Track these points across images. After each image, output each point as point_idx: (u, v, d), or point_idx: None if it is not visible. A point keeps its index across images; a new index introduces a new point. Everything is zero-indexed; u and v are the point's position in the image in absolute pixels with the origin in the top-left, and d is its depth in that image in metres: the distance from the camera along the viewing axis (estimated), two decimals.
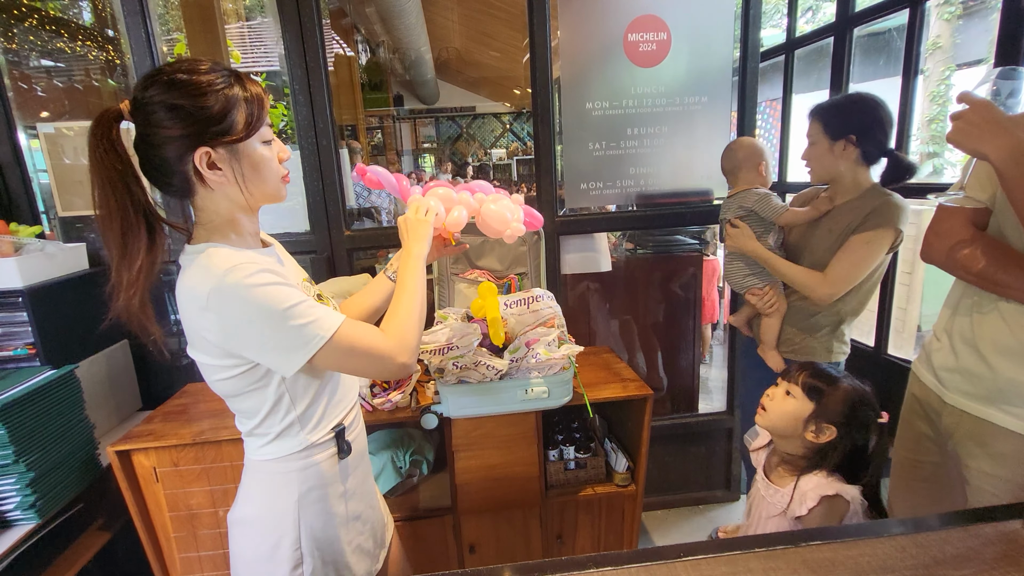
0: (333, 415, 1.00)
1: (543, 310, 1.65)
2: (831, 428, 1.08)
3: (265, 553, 0.97)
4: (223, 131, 0.82)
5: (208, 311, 0.81)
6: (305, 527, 0.97)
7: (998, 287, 1.02)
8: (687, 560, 0.75)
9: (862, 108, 1.48)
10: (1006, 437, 1.03)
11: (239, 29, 4.28)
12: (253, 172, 0.87)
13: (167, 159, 0.82)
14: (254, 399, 0.91)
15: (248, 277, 0.80)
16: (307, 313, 0.83)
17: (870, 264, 1.50)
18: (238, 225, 0.90)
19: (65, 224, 2.07)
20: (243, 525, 1.00)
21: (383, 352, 0.89)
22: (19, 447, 1.37)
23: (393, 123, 8.37)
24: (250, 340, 0.83)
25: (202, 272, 0.82)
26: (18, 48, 2.38)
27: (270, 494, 0.97)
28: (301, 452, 0.96)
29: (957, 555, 0.74)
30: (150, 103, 0.79)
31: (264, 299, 0.81)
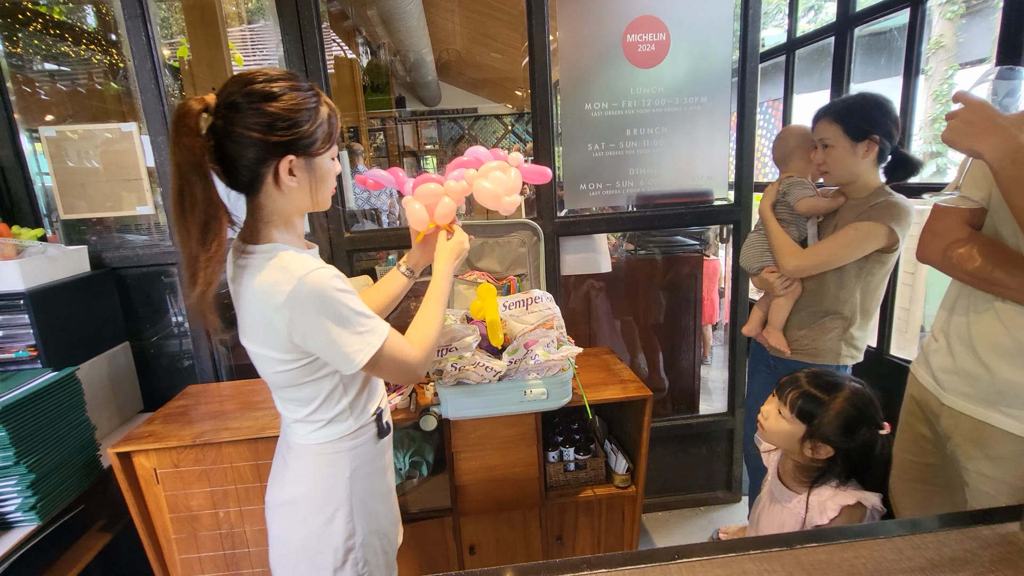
0: (374, 400, 1.10)
1: (542, 311, 1.65)
2: (826, 447, 1.05)
3: (318, 528, 1.04)
4: (308, 144, 0.90)
5: (284, 309, 0.87)
6: (356, 500, 1.06)
7: (994, 286, 1.01)
8: (682, 562, 0.75)
9: (879, 107, 1.46)
10: (1004, 439, 1.02)
11: (241, 32, 4.29)
12: (320, 183, 0.95)
13: (249, 159, 0.88)
14: (310, 389, 0.99)
15: (327, 281, 0.88)
16: (367, 322, 0.93)
17: (849, 252, 1.49)
18: (293, 226, 0.98)
19: (67, 227, 2.08)
20: (291, 505, 1.06)
21: (411, 362, 1.00)
22: (20, 449, 1.38)
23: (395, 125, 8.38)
24: (320, 339, 0.90)
25: (280, 272, 0.88)
26: (22, 52, 2.39)
27: (322, 472, 1.04)
28: (352, 434, 1.05)
29: (954, 557, 0.73)
30: (247, 107, 0.85)
31: (337, 304, 0.88)
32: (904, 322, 3.85)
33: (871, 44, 3.15)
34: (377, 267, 2.66)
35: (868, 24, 2.59)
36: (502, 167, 1.20)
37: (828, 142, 1.51)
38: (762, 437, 1.18)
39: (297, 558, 1.06)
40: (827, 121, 1.51)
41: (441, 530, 1.73)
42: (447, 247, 1.15)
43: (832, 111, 1.51)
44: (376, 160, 7.04)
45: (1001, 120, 0.90)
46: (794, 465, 1.14)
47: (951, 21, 4.80)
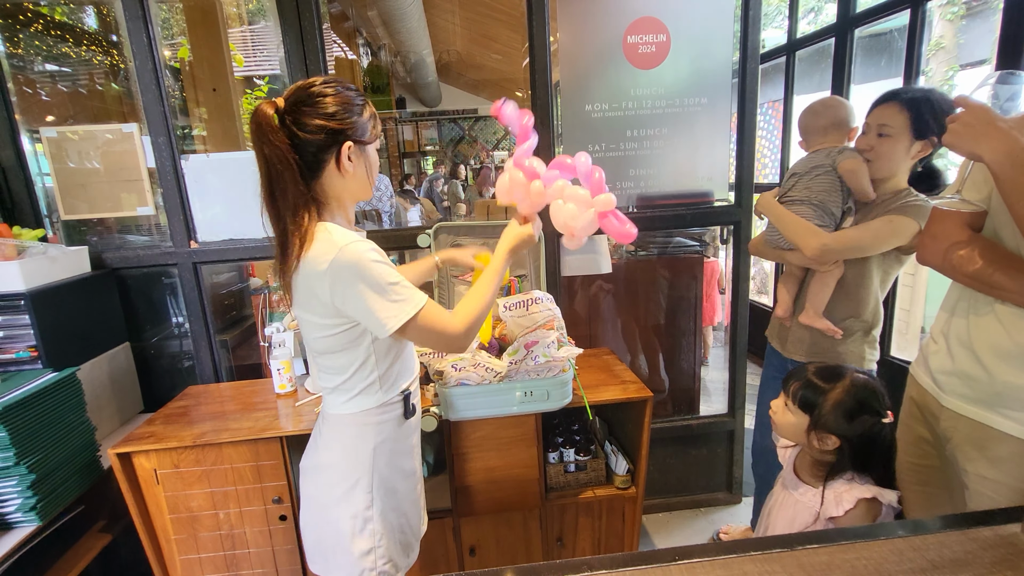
0: (403, 380, 1.17)
1: (543, 312, 1.65)
2: (832, 437, 1.07)
3: (342, 493, 1.13)
4: (361, 133, 1.05)
5: (327, 276, 0.98)
6: (378, 473, 1.13)
7: (994, 289, 1.01)
8: (682, 563, 0.75)
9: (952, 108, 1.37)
10: (1004, 441, 1.02)
11: (241, 33, 4.29)
12: (369, 169, 1.10)
13: (317, 145, 1.01)
14: (346, 357, 1.08)
15: (363, 252, 0.99)
16: (402, 292, 1.02)
17: (879, 242, 1.42)
18: (345, 210, 1.11)
19: (68, 227, 2.08)
20: (322, 470, 1.16)
21: (450, 332, 1.07)
22: (20, 449, 1.38)
23: (396, 125, 8.39)
24: (357, 303, 1.00)
25: (323, 243, 0.99)
26: (23, 53, 2.40)
27: (350, 443, 1.13)
28: (377, 408, 1.12)
29: (955, 559, 0.73)
30: (311, 102, 1.00)
31: (374, 272, 0.99)
32: (905, 323, 3.84)
33: (871, 45, 3.15)
34: None
35: (868, 25, 2.60)
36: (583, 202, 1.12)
37: (888, 131, 1.39)
38: (775, 432, 1.19)
39: (321, 519, 1.15)
40: (896, 107, 1.37)
41: (441, 531, 1.73)
42: (516, 232, 1.19)
43: (904, 98, 1.37)
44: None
45: (1002, 123, 0.90)
46: (811, 461, 1.16)
47: (951, 22, 4.80)
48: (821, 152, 1.56)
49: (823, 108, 1.59)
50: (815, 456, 1.14)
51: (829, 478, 1.10)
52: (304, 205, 1.01)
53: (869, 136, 1.44)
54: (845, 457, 1.08)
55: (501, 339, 1.70)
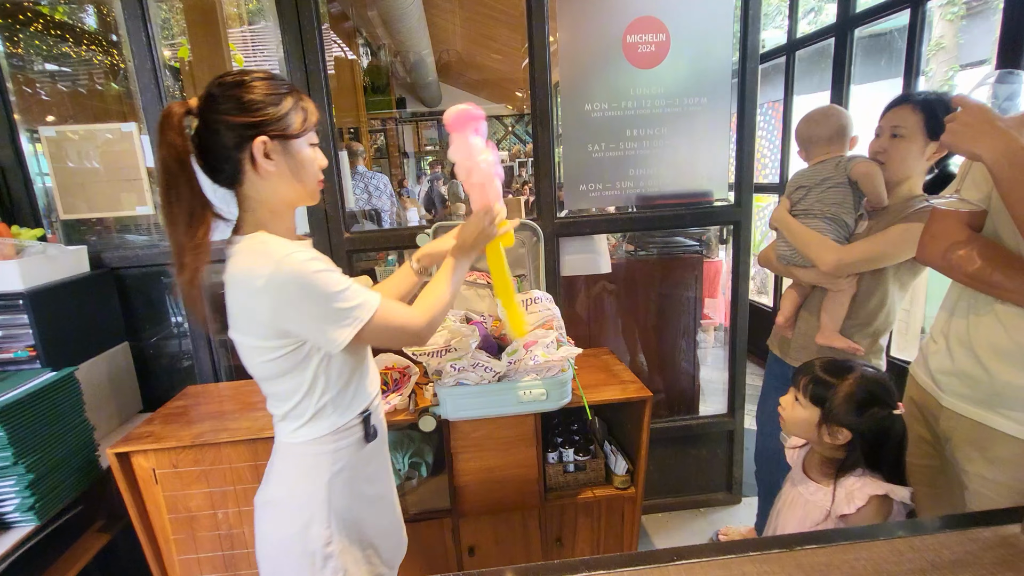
0: (361, 400, 1.07)
1: (542, 312, 1.65)
2: (843, 431, 1.06)
3: (296, 532, 1.03)
4: (281, 127, 0.93)
5: (264, 293, 0.89)
6: (334, 507, 1.04)
7: (993, 288, 1.01)
8: (680, 564, 0.75)
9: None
10: (1004, 441, 1.02)
11: (241, 33, 4.29)
12: (299, 168, 0.97)
13: (226, 146, 0.91)
14: (292, 381, 0.98)
15: (304, 263, 0.89)
16: (353, 296, 0.94)
17: (897, 251, 1.39)
18: (281, 218, 0.99)
19: (67, 227, 2.08)
20: (273, 506, 1.06)
21: (411, 326, 1.02)
22: (19, 449, 1.37)
23: (396, 126, 8.38)
24: (303, 319, 0.91)
25: (258, 256, 0.90)
26: (23, 52, 2.39)
27: (302, 475, 1.04)
28: (332, 434, 1.03)
29: (954, 559, 0.73)
30: (220, 96, 0.90)
31: (318, 282, 0.90)
32: (905, 324, 3.84)
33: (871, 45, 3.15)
34: (377, 268, 2.66)
35: (868, 25, 2.60)
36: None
37: (901, 132, 1.38)
38: (784, 429, 1.18)
39: (278, 558, 1.06)
40: (909, 109, 1.37)
41: (440, 531, 1.73)
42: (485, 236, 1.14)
43: (918, 100, 1.37)
44: (377, 161, 7.05)
45: (1000, 123, 0.90)
46: (820, 458, 1.15)
47: (951, 22, 4.80)
48: (828, 162, 1.54)
49: (824, 117, 1.57)
50: (825, 453, 1.13)
51: (840, 475, 1.09)
52: (201, 214, 0.92)
53: (882, 138, 1.42)
54: (856, 452, 1.07)
55: (500, 339, 1.70)
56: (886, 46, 3.18)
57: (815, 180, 1.55)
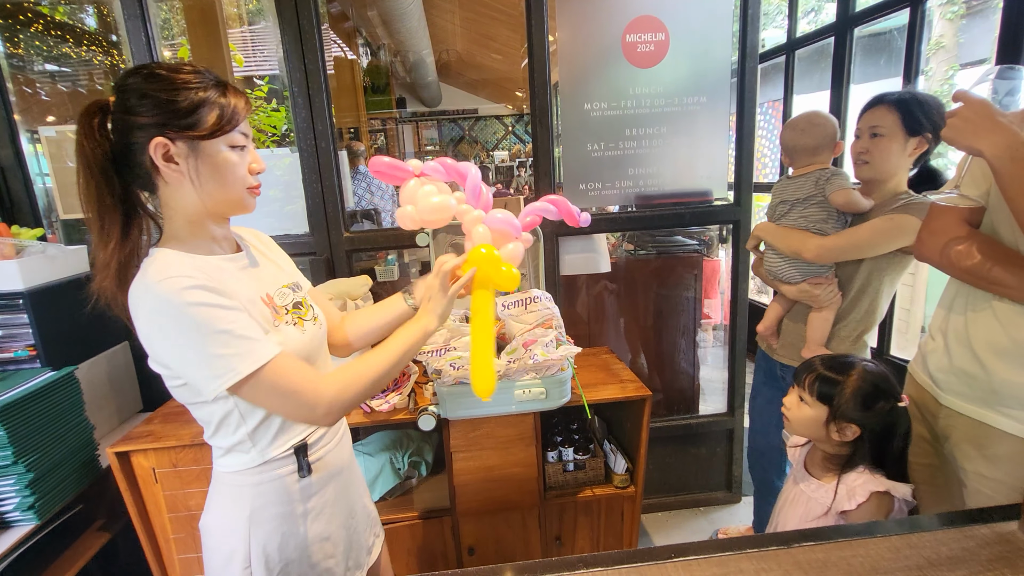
0: (294, 432, 0.95)
1: (541, 311, 1.65)
2: (852, 426, 1.06)
3: (220, 564, 0.96)
4: (186, 125, 0.81)
5: (139, 319, 0.81)
6: (256, 544, 0.94)
7: (992, 284, 1.01)
8: (678, 561, 0.75)
9: (939, 106, 1.38)
10: (1002, 439, 1.02)
11: (241, 33, 4.30)
12: (212, 173, 0.85)
13: (131, 146, 0.82)
14: (203, 411, 0.89)
15: (179, 293, 0.78)
16: (235, 343, 0.80)
17: (879, 242, 1.41)
18: (201, 228, 0.89)
19: (67, 227, 2.09)
20: (204, 532, 0.99)
21: (311, 398, 0.85)
22: (19, 448, 1.38)
23: (396, 126, 8.39)
24: (172, 356, 0.82)
25: (140, 277, 0.82)
26: (23, 53, 2.40)
27: (224, 506, 0.95)
28: (255, 468, 0.93)
29: (952, 556, 0.73)
30: (126, 89, 0.81)
31: (189, 319, 0.78)
32: (904, 323, 3.84)
33: (871, 45, 3.15)
34: (376, 267, 2.65)
35: (868, 24, 2.59)
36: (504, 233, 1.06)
37: (881, 131, 1.40)
38: (789, 429, 1.18)
39: None
40: (886, 108, 1.40)
41: (440, 530, 1.73)
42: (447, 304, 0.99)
43: (894, 99, 1.40)
44: None
45: (1001, 118, 0.90)
46: (823, 456, 1.15)
47: (951, 21, 4.79)
48: (809, 178, 1.55)
49: (808, 126, 1.56)
50: (829, 450, 1.13)
51: (844, 471, 1.09)
52: (109, 218, 0.82)
53: (863, 140, 1.44)
54: (864, 447, 1.06)
55: (500, 338, 1.70)
56: (886, 45, 3.18)
57: (798, 196, 1.57)
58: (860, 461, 1.08)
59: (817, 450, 1.17)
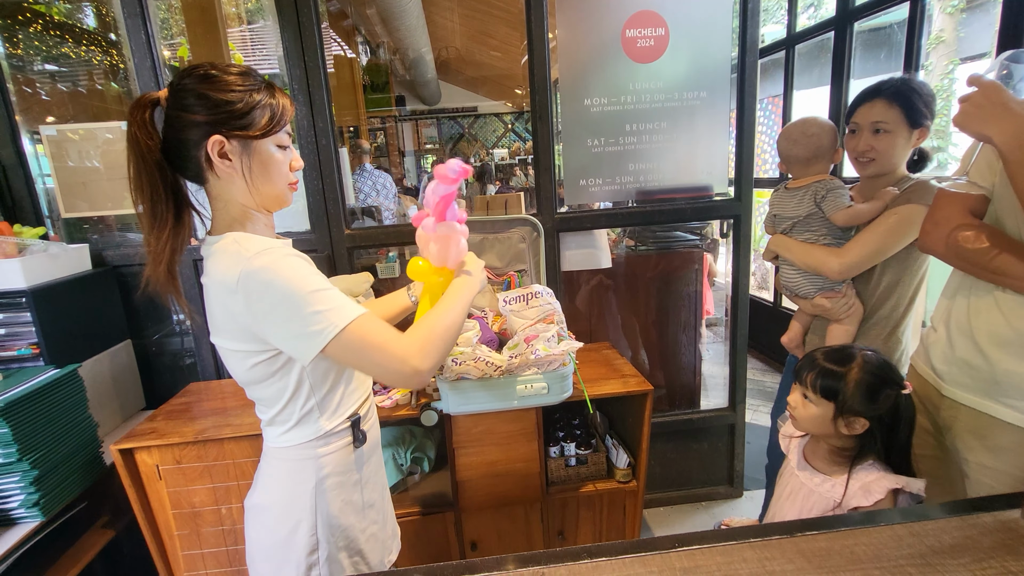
0: (349, 404, 1.03)
1: (542, 306, 1.65)
2: (860, 420, 1.04)
3: (282, 538, 1.01)
4: (241, 125, 0.87)
5: (237, 293, 0.84)
6: (321, 513, 1.01)
7: (995, 275, 1.01)
8: (682, 550, 0.75)
9: (932, 93, 1.35)
10: (1004, 430, 1.02)
11: (240, 32, 4.30)
12: (261, 170, 0.91)
13: (185, 142, 0.87)
14: (276, 386, 0.94)
15: (277, 260, 0.84)
16: (328, 300, 0.85)
17: (896, 239, 1.36)
18: (252, 219, 0.94)
19: (69, 225, 2.09)
20: (260, 511, 1.03)
21: (397, 353, 0.87)
22: (23, 445, 1.38)
23: (396, 124, 8.38)
24: (274, 323, 0.85)
25: (231, 256, 0.86)
26: (23, 53, 2.40)
27: (289, 480, 1.00)
28: (319, 439, 0.99)
29: (954, 544, 0.73)
30: (183, 89, 0.86)
31: (290, 281, 0.83)
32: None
33: (870, 39, 3.15)
34: (378, 264, 2.65)
35: (868, 19, 2.59)
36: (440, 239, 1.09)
37: (885, 127, 1.35)
38: (796, 428, 1.16)
39: (264, 564, 1.04)
40: (885, 103, 1.34)
41: (443, 525, 1.74)
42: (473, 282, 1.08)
43: (891, 91, 1.34)
44: (377, 160, 7.05)
45: (1013, 104, 0.89)
46: (828, 449, 1.13)
47: (951, 16, 4.79)
48: (807, 194, 1.48)
49: (802, 136, 1.49)
50: (836, 444, 1.11)
51: (854, 464, 1.07)
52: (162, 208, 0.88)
53: (864, 136, 1.38)
54: (874, 440, 1.05)
55: (501, 333, 1.71)
56: (886, 40, 3.18)
57: (799, 213, 1.51)
58: (869, 454, 1.06)
59: (820, 443, 1.15)
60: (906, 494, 1.01)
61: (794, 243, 1.53)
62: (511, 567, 0.75)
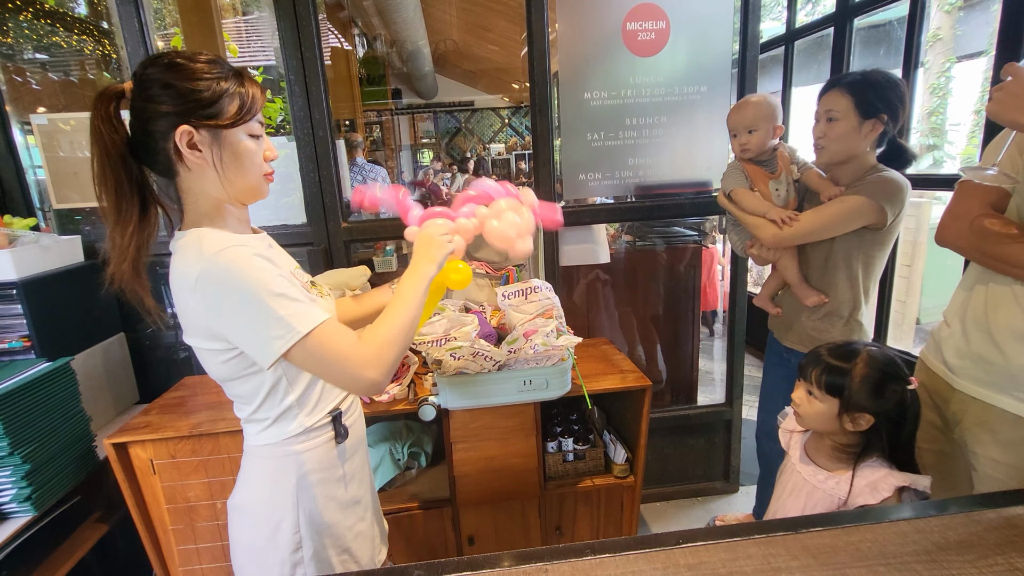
0: (330, 399, 1.01)
1: (541, 301, 1.64)
2: (865, 416, 1.03)
3: (264, 537, 0.99)
4: (209, 115, 0.84)
5: (196, 292, 0.81)
6: (304, 510, 0.99)
7: (1016, 268, 1.00)
8: (686, 547, 0.74)
9: (894, 86, 1.40)
10: (1016, 424, 1.02)
11: (236, 24, 4.25)
12: (233, 160, 0.88)
13: (153, 134, 0.84)
14: (252, 383, 0.92)
15: (238, 260, 0.81)
16: (289, 305, 0.82)
17: (833, 226, 1.44)
18: (224, 213, 0.91)
19: (60, 216, 2.06)
20: (242, 511, 1.01)
21: (354, 361, 0.84)
22: (14, 439, 1.36)
23: (392, 117, 8.33)
24: (233, 324, 0.83)
25: (192, 253, 0.82)
26: (12, 41, 2.36)
27: (269, 478, 0.98)
28: (299, 436, 0.97)
29: (960, 541, 0.73)
30: (147, 79, 0.82)
31: (251, 283, 0.80)
32: (900, 314, 3.86)
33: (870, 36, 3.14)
34: (375, 257, 2.64)
35: (867, 15, 2.58)
36: (515, 207, 1.08)
37: (835, 115, 1.42)
38: (803, 425, 1.16)
39: (248, 564, 1.02)
40: (839, 92, 1.41)
41: (440, 521, 1.73)
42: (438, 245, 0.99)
43: (846, 82, 1.41)
44: (372, 154, 7.00)
45: None
46: (832, 445, 1.12)
47: (949, 14, 4.79)
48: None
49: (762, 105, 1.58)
50: (840, 441, 1.10)
51: (861, 459, 1.06)
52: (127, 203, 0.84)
53: (820, 124, 1.46)
54: (880, 436, 1.04)
55: (500, 328, 1.69)
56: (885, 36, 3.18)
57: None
58: (875, 450, 1.05)
59: (824, 439, 1.14)
60: (911, 491, 1.01)
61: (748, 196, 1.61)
62: (513, 564, 0.74)
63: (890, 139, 1.47)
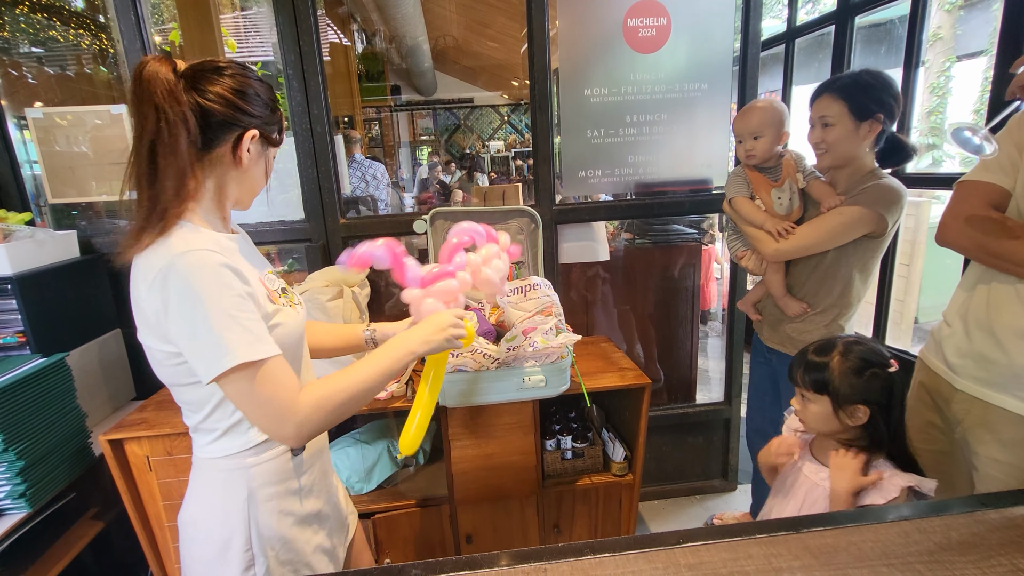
0: None
1: (540, 299, 1.63)
2: (861, 408, 1.03)
3: (214, 554, 0.93)
4: (271, 130, 0.93)
5: (153, 288, 0.79)
6: (256, 527, 0.94)
7: (1018, 267, 0.99)
8: (686, 546, 0.74)
9: (886, 86, 1.39)
10: (1017, 423, 1.02)
11: (234, 19, 4.23)
12: (260, 172, 0.95)
13: (218, 118, 0.85)
14: (202, 391, 0.87)
15: (202, 266, 0.79)
16: (235, 329, 0.79)
17: (833, 238, 1.44)
18: (222, 209, 0.93)
19: (56, 212, 2.04)
20: (191, 526, 0.96)
21: (286, 407, 0.83)
22: (9, 436, 1.35)
23: (391, 114, 8.30)
24: (179, 330, 0.80)
25: (161, 248, 0.81)
26: (8, 35, 2.34)
27: (218, 493, 0.94)
28: (250, 450, 0.92)
29: (962, 541, 0.73)
30: (229, 76, 0.86)
31: (205, 293, 0.78)
32: (899, 314, 3.87)
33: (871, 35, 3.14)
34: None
35: (868, 14, 2.57)
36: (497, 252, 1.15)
37: (830, 120, 1.42)
38: (808, 430, 1.15)
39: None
40: (831, 97, 1.41)
41: (438, 519, 1.72)
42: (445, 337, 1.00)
43: (837, 86, 1.41)
44: (371, 150, 6.98)
45: None
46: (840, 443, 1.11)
47: (949, 13, 4.79)
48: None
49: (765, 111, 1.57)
50: (844, 438, 1.09)
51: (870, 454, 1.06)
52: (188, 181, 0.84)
53: (816, 130, 1.46)
54: (878, 427, 1.03)
55: (499, 325, 1.69)
56: (886, 35, 3.17)
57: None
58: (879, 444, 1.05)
59: (828, 439, 1.13)
60: (915, 493, 1.00)
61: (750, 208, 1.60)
62: (511, 563, 0.74)
63: (889, 136, 1.46)
